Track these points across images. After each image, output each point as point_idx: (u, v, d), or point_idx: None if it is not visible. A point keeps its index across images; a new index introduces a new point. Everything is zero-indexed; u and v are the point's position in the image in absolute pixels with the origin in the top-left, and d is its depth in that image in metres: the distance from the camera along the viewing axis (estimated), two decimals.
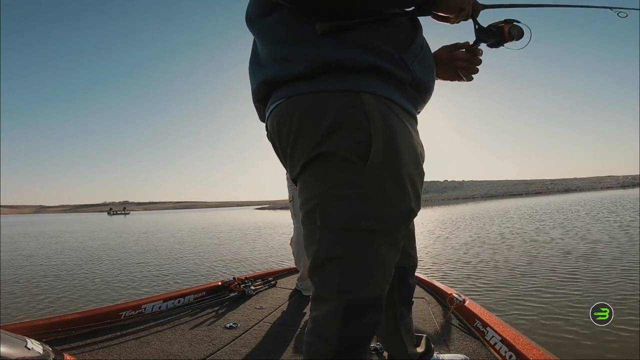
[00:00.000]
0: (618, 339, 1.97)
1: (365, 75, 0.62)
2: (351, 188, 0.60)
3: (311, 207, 0.63)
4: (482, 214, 14.08)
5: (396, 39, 0.66)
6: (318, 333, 0.66)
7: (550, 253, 4.72)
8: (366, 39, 0.62)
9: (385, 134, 0.60)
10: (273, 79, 0.66)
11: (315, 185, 0.63)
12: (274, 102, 0.67)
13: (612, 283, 3.12)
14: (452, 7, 0.66)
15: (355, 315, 0.63)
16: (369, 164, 0.59)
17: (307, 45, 0.63)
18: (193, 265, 5.67)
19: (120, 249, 8.28)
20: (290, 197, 2.13)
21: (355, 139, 0.59)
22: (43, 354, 0.93)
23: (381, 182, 0.60)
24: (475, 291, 3.19)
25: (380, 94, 0.62)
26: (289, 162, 0.68)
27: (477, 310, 1.45)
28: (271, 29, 0.68)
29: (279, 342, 1.40)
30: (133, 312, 1.62)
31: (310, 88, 0.62)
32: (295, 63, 0.63)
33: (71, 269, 5.74)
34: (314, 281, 0.67)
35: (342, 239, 0.62)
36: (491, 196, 54.44)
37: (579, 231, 6.67)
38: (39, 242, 11.38)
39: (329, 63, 0.61)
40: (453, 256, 4.93)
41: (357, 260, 0.62)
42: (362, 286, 0.63)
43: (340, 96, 0.60)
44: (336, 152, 0.59)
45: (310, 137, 0.61)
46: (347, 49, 0.61)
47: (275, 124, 0.67)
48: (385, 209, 0.61)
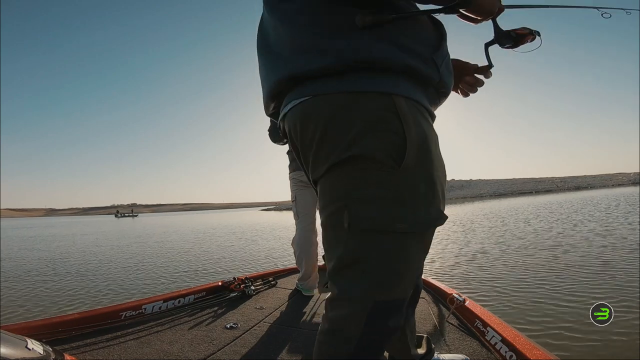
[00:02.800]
0: (618, 338, 1.97)
1: (398, 76, 0.61)
2: (384, 190, 0.59)
3: (338, 208, 0.61)
4: (491, 213, 13.86)
5: (428, 39, 0.65)
6: (337, 333, 0.64)
7: (558, 252, 4.72)
8: (401, 37, 0.61)
9: (417, 137, 0.59)
10: (298, 74, 0.62)
11: (344, 187, 0.61)
12: (297, 99, 0.63)
13: (612, 282, 3.12)
14: (484, 9, 0.66)
15: (381, 316, 0.63)
16: (402, 167, 0.58)
17: (340, 38, 0.60)
18: (207, 267, 5.66)
19: (123, 251, 8.28)
20: (293, 198, 2.12)
21: (390, 142, 0.58)
22: (43, 355, 0.93)
23: (414, 185, 0.60)
24: (476, 291, 3.19)
25: (410, 97, 0.61)
26: (311, 162, 0.65)
27: (477, 310, 1.45)
28: (298, 15, 0.63)
29: (279, 342, 1.40)
30: (133, 312, 1.62)
31: (341, 87, 0.60)
32: (325, 57, 0.59)
33: (71, 269, 5.74)
34: (337, 282, 0.65)
35: (373, 240, 0.60)
36: (500, 195, 54.03)
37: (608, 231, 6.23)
38: (43, 243, 11.40)
39: (363, 60, 0.58)
40: (457, 256, 4.93)
41: (388, 262, 0.61)
42: (390, 288, 0.63)
43: (374, 98, 0.59)
44: (369, 155, 0.58)
45: (341, 138, 0.59)
46: (383, 47, 0.59)
47: (299, 122, 0.64)
48: (418, 212, 0.60)
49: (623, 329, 2.06)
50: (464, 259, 4.66)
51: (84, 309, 2.56)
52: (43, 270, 5.71)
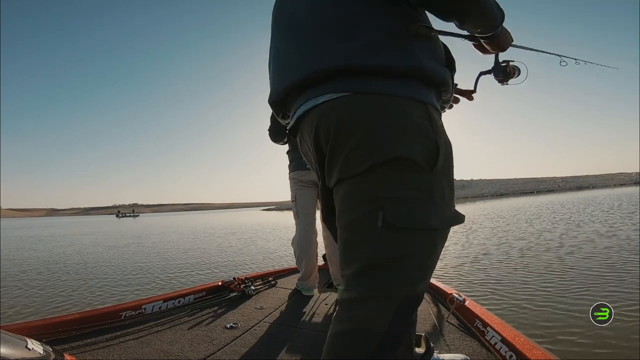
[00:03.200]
0: (618, 338, 1.97)
1: (430, 88, 0.67)
2: (419, 191, 0.62)
3: (371, 208, 0.62)
4: (492, 213, 13.79)
5: (448, 55, 0.73)
6: (360, 332, 0.63)
7: (560, 251, 4.72)
8: (440, 53, 0.70)
9: (445, 144, 0.65)
10: (347, 66, 0.61)
11: (378, 187, 0.62)
12: (333, 93, 0.63)
13: (613, 282, 3.13)
14: (502, 46, 0.77)
15: (408, 310, 0.65)
16: (434, 171, 0.62)
17: (397, 40, 0.63)
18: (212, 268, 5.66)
19: (127, 251, 8.28)
20: (293, 197, 2.12)
21: (426, 147, 0.62)
22: (43, 354, 0.93)
23: (442, 187, 0.65)
24: (476, 291, 3.19)
25: (437, 108, 0.68)
26: (341, 159, 0.64)
27: (477, 310, 1.45)
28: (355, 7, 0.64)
29: (279, 342, 1.40)
30: (133, 312, 1.62)
31: (388, 88, 0.62)
32: (380, 54, 0.61)
33: (72, 269, 5.75)
34: (365, 281, 0.64)
35: (409, 238, 0.62)
36: (501, 194, 53.81)
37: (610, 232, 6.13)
38: (43, 244, 11.40)
39: (415, 69, 0.63)
40: (457, 256, 4.93)
41: (421, 258, 0.64)
42: (420, 282, 0.66)
43: (416, 105, 0.63)
44: (412, 158, 0.60)
45: (389, 139, 0.60)
46: (431, 61, 0.66)
47: (335, 117, 0.63)
48: (445, 211, 0.65)
49: (623, 329, 2.06)
50: (465, 259, 4.66)
51: (83, 309, 2.56)
52: (42, 270, 5.71)
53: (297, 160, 2.09)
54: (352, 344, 0.64)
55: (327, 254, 2.09)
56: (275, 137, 2.16)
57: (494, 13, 0.68)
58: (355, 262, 0.65)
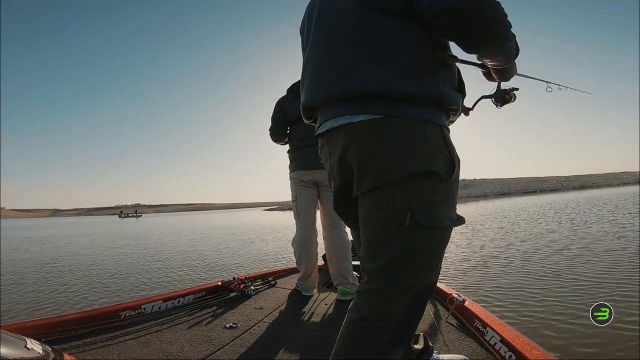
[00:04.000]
0: (618, 338, 1.97)
1: (445, 111, 0.78)
2: (441, 196, 0.74)
3: (402, 209, 0.72)
4: (496, 212, 13.64)
5: (462, 81, 0.83)
6: (376, 319, 0.72)
7: (563, 251, 4.72)
8: (453, 80, 0.79)
9: (457, 159, 0.77)
10: (378, 90, 0.72)
11: (409, 193, 0.72)
12: (367, 114, 0.73)
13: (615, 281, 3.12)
14: (507, 77, 0.86)
15: (422, 298, 0.77)
16: (451, 180, 0.75)
17: (424, 70, 0.73)
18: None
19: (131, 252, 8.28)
20: (294, 197, 2.12)
21: (445, 162, 0.74)
22: (43, 354, 0.93)
23: (453, 193, 0.78)
24: (476, 291, 3.19)
25: (448, 128, 0.79)
26: (375, 170, 0.73)
27: (476, 310, 1.45)
28: (393, 32, 0.73)
29: (279, 342, 1.40)
30: (133, 312, 1.62)
31: (413, 113, 0.72)
32: (408, 81, 0.72)
33: (72, 269, 5.75)
34: (387, 273, 0.73)
35: (431, 234, 0.74)
36: (504, 194, 53.57)
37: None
38: (44, 244, 11.40)
39: (436, 97, 0.73)
40: (458, 256, 4.92)
41: (436, 250, 0.76)
42: (434, 272, 0.77)
43: (434, 128, 0.74)
44: (438, 171, 0.72)
45: (413, 155, 0.72)
46: (449, 88, 0.76)
47: (370, 135, 0.74)
48: (453, 212, 0.78)
49: (624, 329, 2.06)
50: (465, 259, 4.66)
51: (83, 309, 2.56)
52: (42, 270, 5.71)
53: (297, 160, 2.08)
54: (369, 330, 0.72)
55: (327, 254, 2.09)
56: (276, 137, 2.16)
57: (512, 51, 0.76)
58: (381, 257, 0.74)
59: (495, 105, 0.93)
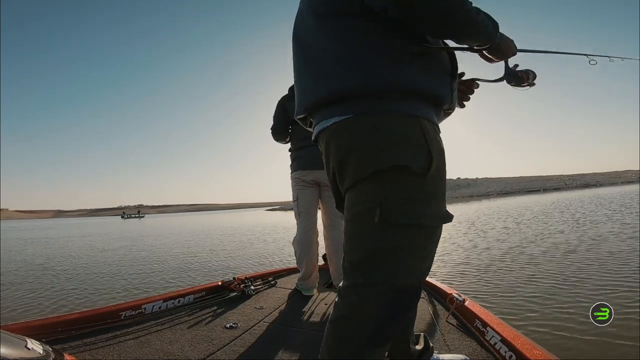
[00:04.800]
0: (619, 338, 1.97)
1: (427, 103, 0.74)
2: (414, 193, 0.71)
3: (371, 206, 0.71)
4: (499, 212, 13.49)
5: (448, 69, 0.78)
6: (355, 318, 0.72)
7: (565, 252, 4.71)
8: (435, 67, 0.75)
9: (437, 152, 0.73)
10: (344, 92, 0.72)
11: (381, 189, 0.71)
12: (341, 116, 0.73)
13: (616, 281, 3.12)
14: (503, 55, 0.82)
15: (400, 300, 0.73)
16: (428, 175, 0.71)
17: (389, 63, 0.70)
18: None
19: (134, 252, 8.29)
20: (295, 197, 2.12)
21: (420, 155, 0.71)
22: (43, 354, 0.93)
23: (433, 189, 0.73)
24: (476, 291, 3.19)
25: (431, 121, 0.75)
26: (352, 169, 0.74)
27: (477, 310, 1.45)
28: (352, 33, 0.72)
29: (279, 341, 1.40)
30: (133, 312, 1.62)
31: (386, 108, 0.71)
32: (374, 78, 0.70)
33: (72, 269, 5.76)
34: (360, 270, 0.73)
35: (401, 232, 0.70)
36: (507, 193, 53.13)
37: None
38: (44, 244, 11.41)
39: (406, 87, 0.70)
40: (460, 256, 4.92)
41: (411, 251, 0.72)
42: (410, 274, 0.73)
43: (410, 121, 0.71)
44: (407, 165, 0.69)
45: (386, 151, 0.70)
46: (425, 77, 0.72)
47: (343, 135, 0.74)
48: (435, 210, 0.73)
49: (624, 329, 2.06)
50: (466, 259, 4.66)
51: (83, 309, 2.56)
52: (42, 270, 5.72)
53: (298, 160, 2.08)
54: (347, 328, 0.72)
55: (328, 254, 2.09)
56: (277, 136, 2.15)
57: (486, 26, 0.73)
58: (354, 252, 0.74)
59: (511, 85, 0.86)
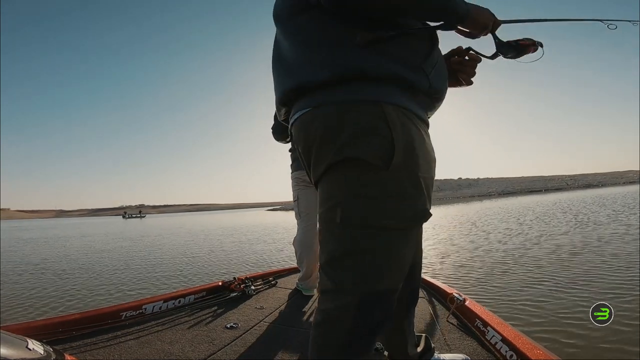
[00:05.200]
0: (619, 338, 1.97)
1: (388, 85, 0.66)
2: (374, 189, 0.64)
3: (332, 205, 0.67)
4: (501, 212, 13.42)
5: (417, 48, 0.70)
6: (328, 325, 0.68)
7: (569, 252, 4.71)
8: (391, 48, 0.66)
9: (404, 140, 0.65)
10: (301, 86, 0.69)
11: (338, 186, 0.67)
12: (300, 110, 0.71)
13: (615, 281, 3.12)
14: (479, 24, 0.74)
15: (369, 307, 0.67)
16: (390, 169, 0.63)
17: (335, 51, 0.66)
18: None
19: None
20: (295, 197, 2.12)
21: (379, 145, 0.63)
22: (44, 355, 0.93)
23: (400, 184, 0.65)
24: (476, 291, 3.19)
25: (399, 105, 0.66)
26: (313, 165, 0.71)
27: (477, 309, 1.45)
28: (301, 30, 0.70)
29: (279, 341, 1.40)
30: (134, 312, 1.62)
31: (335, 98, 0.66)
32: (323, 69, 0.66)
33: (72, 269, 5.75)
34: (328, 274, 0.69)
35: (363, 235, 0.65)
36: (508, 193, 53.02)
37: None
38: (44, 244, 11.40)
39: (354, 72, 0.64)
40: (461, 255, 4.92)
41: (375, 255, 0.66)
42: (377, 280, 0.66)
43: (364, 107, 0.64)
44: (361, 157, 0.63)
45: (335, 143, 0.65)
46: (372, 58, 0.65)
47: (301, 131, 0.71)
48: (403, 209, 0.66)
49: (624, 329, 2.06)
50: (466, 259, 4.66)
51: (84, 309, 2.56)
52: (42, 270, 5.71)
53: (299, 160, 2.07)
54: (323, 335, 0.69)
55: None
56: (278, 136, 2.15)
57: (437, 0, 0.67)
58: (322, 256, 0.71)
59: (512, 58, 0.78)
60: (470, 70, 0.84)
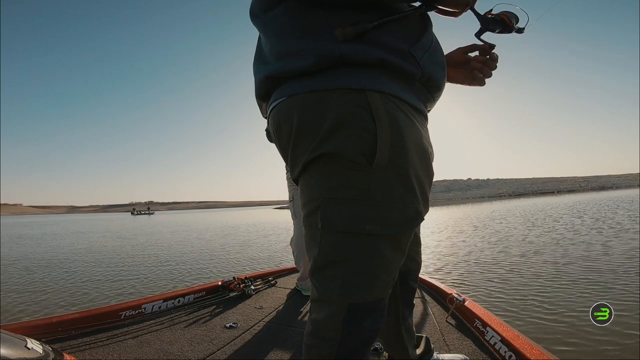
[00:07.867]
0: (619, 338, 1.97)
1: (372, 71, 0.58)
2: (355, 190, 0.57)
3: (312, 209, 0.61)
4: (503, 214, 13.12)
5: (405, 33, 0.62)
6: (318, 335, 0.65)
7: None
8: (374, 33, 0.58)
9: (391, 133, 0.57)
10: (275, 75, 0.63)
11: (317, 186, 0.60)
12: (276, 100, 0.64)
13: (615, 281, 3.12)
14: (459, 2, 0.66)
15: (357, 318, 0.62)
16: (374, 165, 0.56)
17: (310, 39, 0.59)
18: None
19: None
20: (291, 197, 2.12)
21: (360, 138, 0.56)
22: (43, 354, 0.93)
23: (387, 184, 0.58)
24: (476, 291, 3.19)
25: (386, 91, 0.58)
26: (290, 162, 0.65)
27: (477, 310, 1.45)
28: (275, 22, 0.64)
29: (279, 342, 1.40)
30: (133, 312, 1.62)
31: (312, 86, 0.59)
32: (298, 58, 0.59)
33: (72, 269, 5.75)
34: (315, 284, 0.65)
35: (345, 242, 0.59)
36: (520, 194, 52.50)
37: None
38: (44, 243, 11.38)
39: (333, 58, 0.57)
40: (462, 255, 4.92)
41: (360, 263, 0.60)
42: (364, 289, 0.62)
43: (344, 94, 0.57)
44: (339, 153, 0.57)
45: (312, 137, 0.58)
46: (353, 44, 0.57)
47: (276, 122, 0.65)
48: (391, 212, 0.59)
49: (623, 329, 2.06)
50: (466, 259, 4.66)
51: (83, 309, 2.56)
52: (43, 270, 5.71)
53: None
54: (311, 347, 0.66)
55: None
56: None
57: None
58: (309, 263, 0.66)
59: (501, 32, 0.72)
60: (489, 72, 0.78)
